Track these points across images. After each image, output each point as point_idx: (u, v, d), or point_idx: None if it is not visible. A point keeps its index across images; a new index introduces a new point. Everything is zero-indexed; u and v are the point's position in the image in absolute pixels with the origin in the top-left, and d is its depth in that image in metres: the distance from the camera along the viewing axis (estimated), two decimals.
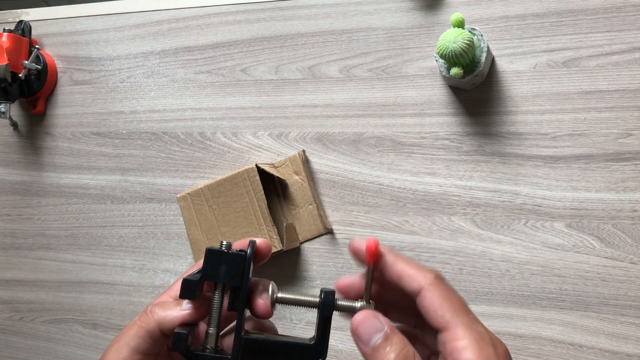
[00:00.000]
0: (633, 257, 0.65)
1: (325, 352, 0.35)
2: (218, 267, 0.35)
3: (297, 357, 0.35)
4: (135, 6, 0.85)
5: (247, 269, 0.36)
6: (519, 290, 0.68)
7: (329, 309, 0.35)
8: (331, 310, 0.35)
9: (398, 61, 0.73)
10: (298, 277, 0.77)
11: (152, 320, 0.37)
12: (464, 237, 0.70)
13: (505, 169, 0.69)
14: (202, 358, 0.35)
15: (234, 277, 0.35)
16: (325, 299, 0.35)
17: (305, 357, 0.35)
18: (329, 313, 0.35)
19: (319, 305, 0.35)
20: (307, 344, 0.35)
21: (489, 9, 0.70)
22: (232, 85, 0.80)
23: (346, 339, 0.74)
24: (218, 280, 0.36)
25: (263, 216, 0.72)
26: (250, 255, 0.36)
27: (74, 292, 0.88)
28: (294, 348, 0.35)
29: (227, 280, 0.35)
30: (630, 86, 0.65)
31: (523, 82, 0.68)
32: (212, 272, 0.36)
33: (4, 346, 0.91)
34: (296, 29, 0.78)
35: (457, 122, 0.71)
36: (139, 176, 0.84)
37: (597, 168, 0.66)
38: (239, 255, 0.36)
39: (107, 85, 0.86)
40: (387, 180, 0.73)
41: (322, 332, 0.35)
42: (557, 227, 0.67)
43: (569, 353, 0.67)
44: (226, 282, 0.36)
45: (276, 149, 0.78)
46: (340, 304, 0.36)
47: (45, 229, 0.89)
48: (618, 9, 0.66)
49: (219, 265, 0.35)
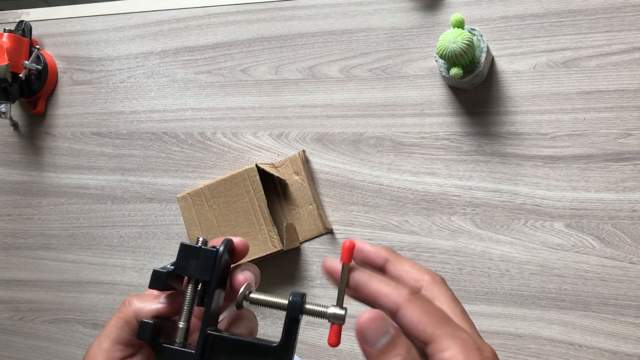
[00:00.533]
0: (632, 257, 0.65)
1: (290, 355, 0.35)
2: (191, 261, 0.36)
3: (261, 358, 0.35)
4: (135, 6, 0.85)
5: (217, 265, 0.36)
6: (519, 290, 0.68)
7: (296, 311, 0.35)
8: (298, 312, 0.35)
9: (398, 61, 0.73)
10: (298, 277, 0.77)
11: (130, 311, 0.37)
12: (463, 237, 0.70)
13: (504, 169, 0.69)
14: (166, 350, 0.36)
15: (205, 272, 0.36)
16: (293, 302, 0.35)
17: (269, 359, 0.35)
18: (296, 315, 0.35)
19: (286, 307, 0.35)
20: (272, 346, 0.35)
21: (489, 9, 0.70)
22: (232, 85, 0.80)
23: (346, 338, 0.74)
24: (188, 274, 0.36)
25: (263, 216, 0.72)
26: (222, 252, 0.36)
27: (74, 292, 0.88)
28: (258, 348, 0.36)
29: (197, 275, 0.36)
30: (630, 86, 0.65)
31: (523, 82, 0.69)
32: (184, 266, 0.36)
33: (4, 346, 0.91)
34: (296, 29, 0.78)
35: (457, 122, 0.71)
36: (139, 176, 0.84)
37: (597, 168, 0.66)
38: (211, 251, 0.36)
39: (108, 85, 0.86)
40: (387, 180, 0.73)
41: (288, 334, 0.35)
42: (556, 227, 0.67)
43: (568, 353, 0.67)
44: (196, 276, 0.36)
45: (276, 149, 0.78)
46: (309, 307, 0.35)
47: (45, 229, 0.89)
48: (618, 9, 0.66)
49: (191, 260, 0.36)
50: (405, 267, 0.37)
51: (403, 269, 0.37)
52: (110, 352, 0.37)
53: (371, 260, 0.37)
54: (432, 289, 0.35)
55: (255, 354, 0.35)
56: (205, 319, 0.36)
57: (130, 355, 0.38)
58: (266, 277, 0.78)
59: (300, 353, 0.77)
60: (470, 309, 0.70)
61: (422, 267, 0.37)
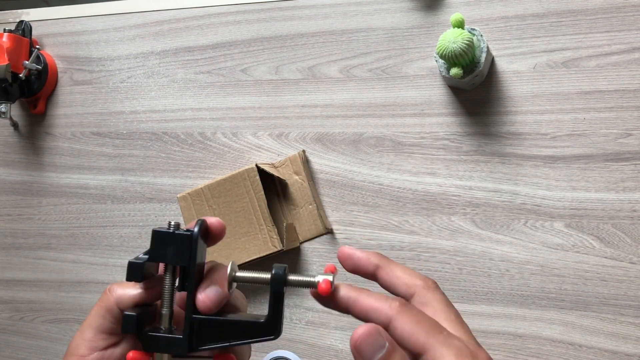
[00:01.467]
0: (632, 257, 0.65)
1: (278, 329, 0.35)
2: (166, 248, 0.35)
3: (250, 335, 0.35)
4: (135, 6, 0.85)
5: (193, 249, 0.35)
6: (519, 290, 0.68)
7: (280, 284, 0.34)
8: (282, 285, 0.34)
9: (398, 61, 0.73)
10: None
11: (111, 298, 0.37)
12: (463, 237, 0.70)
13: (504, 169, 0.69)
14: (153, 338, 0.35)
15: (181, 258, 0.35)
16: (275, 275, 0.34)
17: (259, 335, 0.35)
18: (280, 289, 0.34)
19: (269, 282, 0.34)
20: (259, 322, 0.35)
21: (489, 10, 0.70)
22: (232, 85, 0.80)
23: (346, 338, 0.74)
24: (165, 261, 0.35)
25: (263, 216, 0.72)
26: (196, 234, 0.35)
27: (74, 292, 0.88)
28: (246, 326, 0.35)
29: (175, 262, 0.35)
30: (630, 86, 0.65)
31: (523, 82, 0.69)
32: (159, 254, 0.35)
33: (4, 346, 0.91)
34: (296, 29, 0.78)
35: (457, 122, 0.71)
36: (139, 176, 0.84)
37: (597, 168, 0.66)
38: (185, 235, 0.35)
39: (108, 85, 0.86)
40: (387, 180, 0.73)
41: (274, 308, 0.34)
42: (556, 227, 0.67)
43: (568, 353, 0.67)
44: (174, 263, 0.35)
45: (276, 149, 0.78)
46: (293, 278, 0.34)
47: (45, 229, 0.89)
48: (618, 9, 0.66)
49: (166, 246, 0.35)
50: (397, 273, 0.36)
51: (395, 275, 0.36)
52: (93, 341, 0.36)
53: (362, 267, 0.37)
54: (425, 294, 0.35)
55: (243, 332, 0.35)
56: (189, 303, 0.35)
57: (115, 344, 0.37)
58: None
59: (300, 353, 0.77)
60: (470, 309, 0.70)
61: (414, 272, 0.36)
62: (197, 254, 0.35)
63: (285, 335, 0.78)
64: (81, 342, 0.37)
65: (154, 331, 0.36)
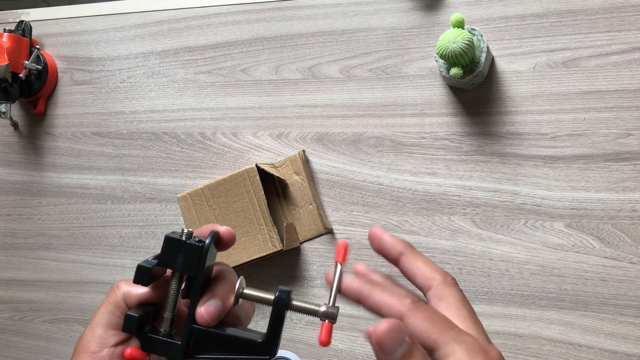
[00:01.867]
0: (632, 257, 0.65)
1: (274, 351, 0.35)
2: (176, 255, 0.35)
3: (246, 352, 0.35)
4: (135, 6, 0.85)
5: (202, 261, 0.35)
6: (519, 290, 0.68)
7: (282, 308, 0.35)
8: (283, 310, 0.35)
9: (398, 61, 0.73)
10: (298, 277, 0.77)
11: (119, 295, 0.37)
12: (463, 237, 0.70)
13: (504, 169, 0.69)
14: (152, 340, 0.36)
15: (190, 268, 0.35)
16: (279, 298, 0.35)
17: (254, 353, 0.35)
18: (282, 313, 0.35)
19: (272, 303, 0.35)
20: (256, 341, 0.35)
21: (489, 9, 0.70)
22: (232, 85, 0.80)
23: (346, 338, 0.74)
24: (173, 268, 0.36)
25: (263, 216, 0.72)
26: (207, 247, 0.35)
27: (74, 291, 0.88)
28: (243, 343, 0.35)
29: (182, 270, 0.35)
30: (630, 86, 0.65)
31: (523, 82, 0.69)
32: (168, 260, 0.36)
33: (4, 346, 0.91)
34: (296, 29, 0.78)
35: (457, 122, 0.71)
36: (139, 176, 0.84)
37: (597, 168, 0.66)
38: (197, 246, 0.35)
39: (108, 85, 0.86)
40: (387, 180, 0.73)
41: (272, 330, 0.35)
42: (556, 227, 0.67)
43: (568, 353, 0.67)
44: (181, 271, 0.36)
45: (276, 149, 0.78)
46: (296, 304, 0.35)
47: (45, 229, 0.89)
48: (618, 9, 0.66)
49: (176, 253, 0.35)
50: (419, 264, 0.36)
51: (416, 266, 0.36)
52: (103, 338, 0.37)
53: (387, 250, 0.37)
54: (442, 289, 0.35)
55: (240, 348, 0.35)
56: (191, 312, 0.35)
57: (124, 341, 0.37)
58: (266, 277, 0.78)
59: (300, 353, 0.77)
60: None
61: (435, 265, 0.37)
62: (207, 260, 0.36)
63: (286, 335, 0.78)
64: (92, 338, 0.37)
65: (153, 333, 0.36)
